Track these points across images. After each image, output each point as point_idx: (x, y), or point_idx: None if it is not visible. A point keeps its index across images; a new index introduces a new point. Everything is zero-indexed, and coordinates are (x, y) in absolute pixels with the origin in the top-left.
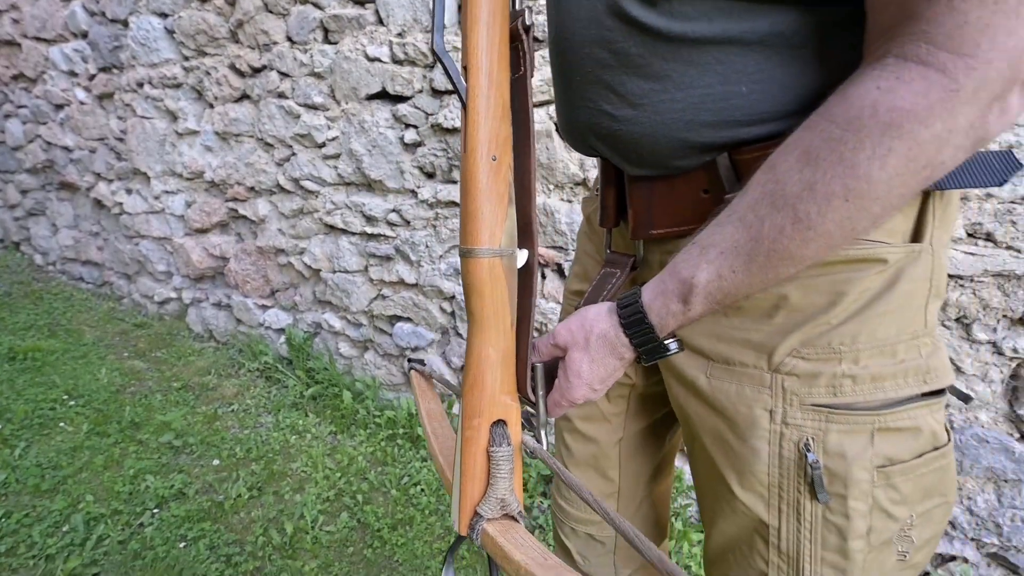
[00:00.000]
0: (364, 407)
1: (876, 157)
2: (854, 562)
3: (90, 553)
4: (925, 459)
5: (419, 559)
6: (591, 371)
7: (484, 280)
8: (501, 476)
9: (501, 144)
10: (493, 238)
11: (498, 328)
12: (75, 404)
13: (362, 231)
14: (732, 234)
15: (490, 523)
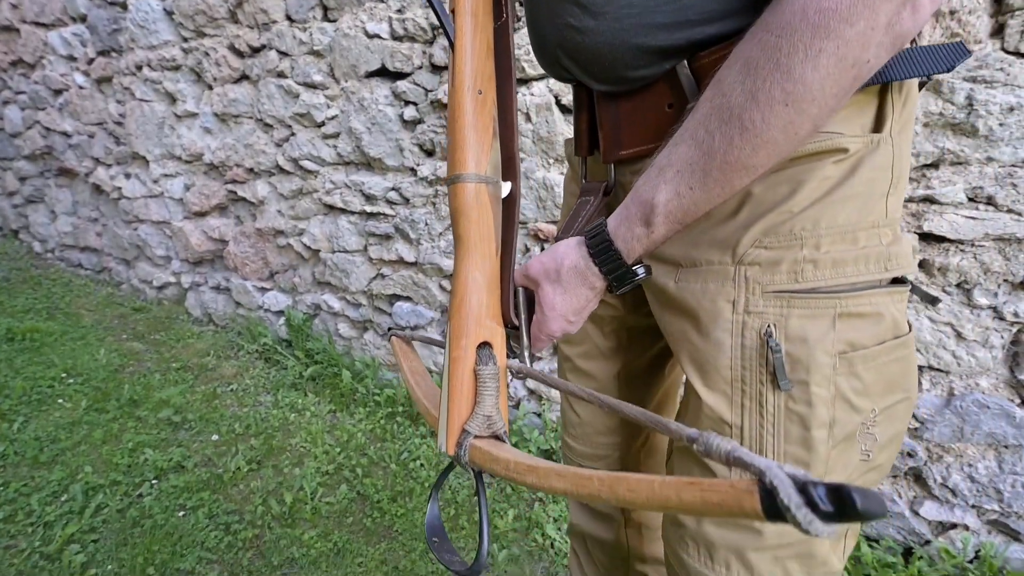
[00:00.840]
0: (363, 386)
1: (808, 59)
2: (817, 454)
3: (88, 520)
4: (887, 347)
5: (418, 528)
6: (564, 302)
7: (471, 204)
8: (487, 394)
9: (486, 80)
10: (479, 165)
11: (484, 253)
12: (73, 382)
13: (361, 210)
14: (686, 152)
15: (478, 439)
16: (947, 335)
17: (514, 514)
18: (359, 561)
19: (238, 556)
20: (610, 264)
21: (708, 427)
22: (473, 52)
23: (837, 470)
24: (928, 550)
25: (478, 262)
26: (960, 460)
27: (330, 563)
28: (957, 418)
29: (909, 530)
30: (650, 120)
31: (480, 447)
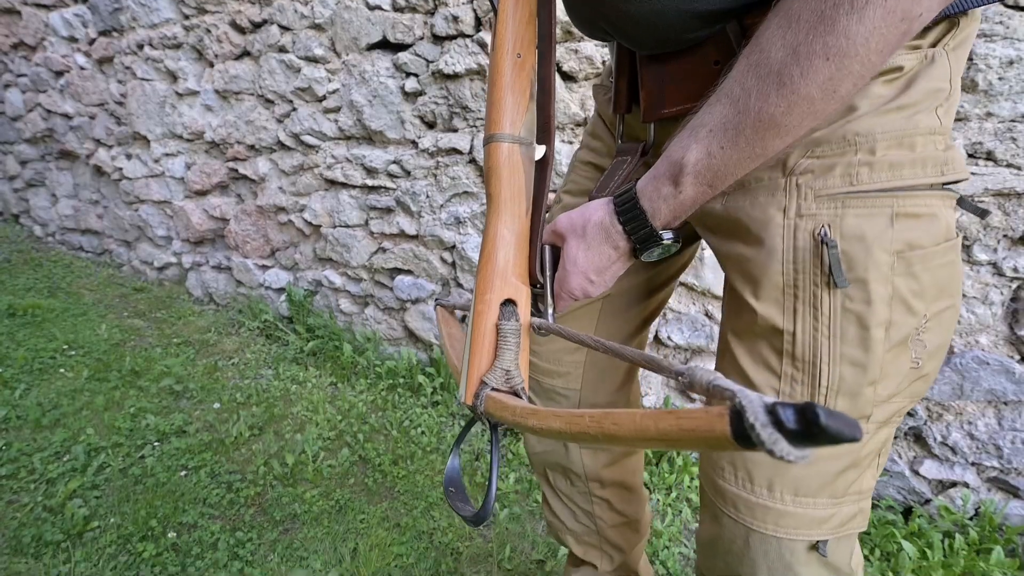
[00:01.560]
0: (365, 358)
1: (855, 11)
2: (874, 355)
3: (91, 478)
4: (941, 248)
5: (420, 489)
6: (586, 259)
7: (503, 163)
8: (508, 348)
9: (526, 45)
10: (514, 126)
11: (513, 212)
12: (75, 354)
13: (363, 183)
14: (720, 111)
15: (495, 392)
16: None
17: (515, 477)
18: (360, 518)
19: (240, 512)
20: (634, 223)
21: (761, 338)
22: (515, 17)
23: (890, 375)
24: (928, 509)
25: (507, 220)
26: (960, 418)
27: (331, 519)
28: (957, 375)
29: (909, 489)
30: (695, 78)
31: (494, 398)
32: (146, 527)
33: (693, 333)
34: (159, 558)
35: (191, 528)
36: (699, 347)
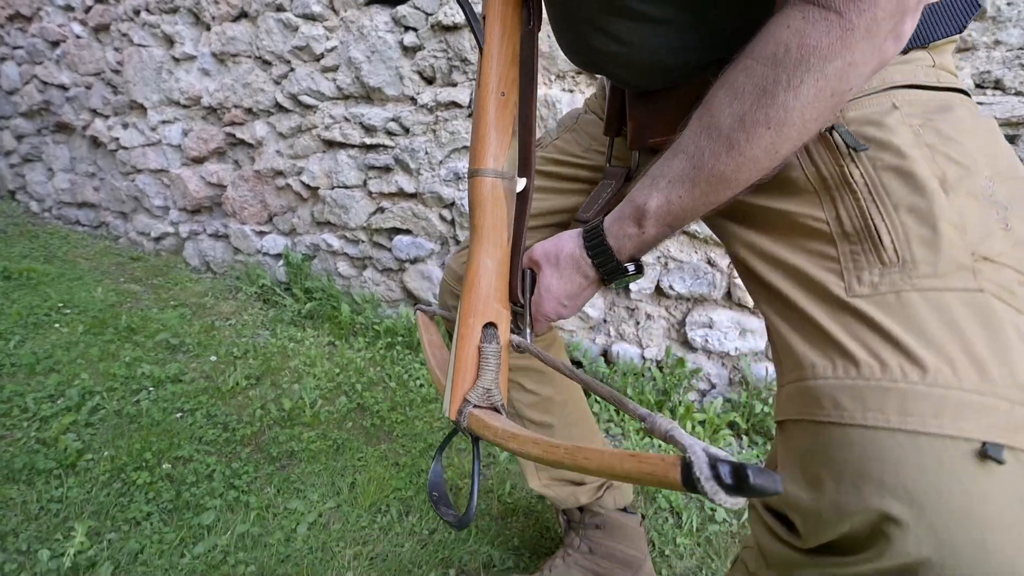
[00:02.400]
0: (363, 317)
1: (791, 88)
2: (933, 196)
3: (85, 417)
4: (969, 120)
5: (418, 432)
6: (559, 286)
7: (487, 197)
8: (488, 369)
9: (510, 84)
10: (497, 161)
11: (496, 242)
12: (70, 312)
13: (361, 142)
14: (678, 165)
15: (476, 409)
16: None
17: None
18: (359, 456)
19: (236, 449)
20: (602, 258)
21: (806, 237)
22: (500, 57)
23: (974, 223)
24: None
25: (490, 250)
26: None
27: (329, 458)
28: None
29: None
30: (680, 112)
31: (477, 415)
32: (140, 459)
33: (695, 281)
34: (153, 486)
35: (186, 461)
36: (701, 295)
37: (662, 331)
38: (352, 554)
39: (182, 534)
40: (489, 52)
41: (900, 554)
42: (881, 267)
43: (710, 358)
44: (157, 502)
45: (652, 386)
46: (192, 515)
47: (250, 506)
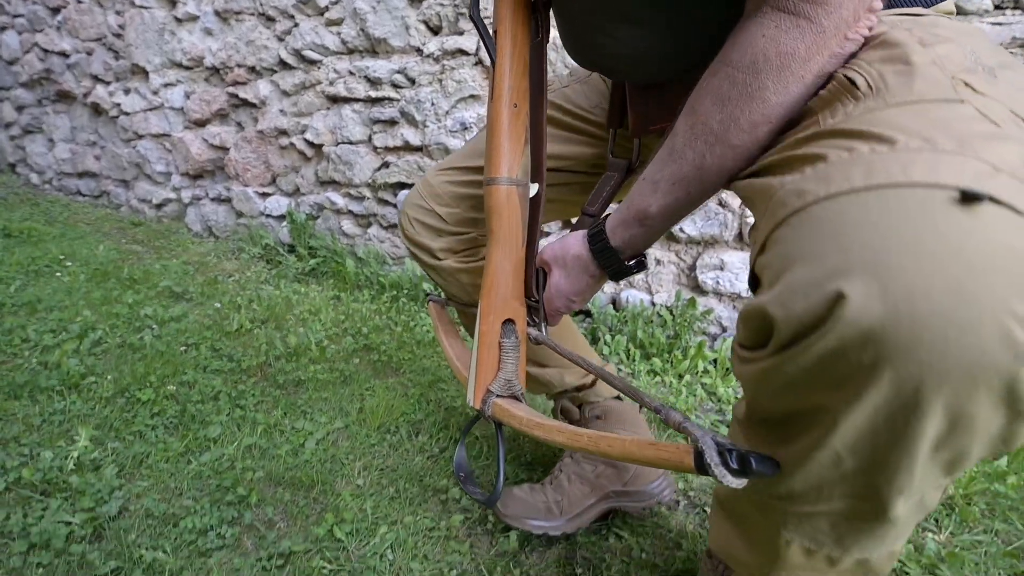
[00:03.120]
0: (368, 270)
1: (779, 92)
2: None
3: (87, 347)
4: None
5: (427, 368)
6: (567, 285)
7: (502, 204)
8: (508, 362)
9: (521, 95)
10: (511, 170)
11: (511, 245)
12: (72, 264)
13: (366, 96)
14: (678, 169)
15: (498, 399)
16: None
17: None
18: (367, 387)
19: (241, 378)
20: (607, 259)
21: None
22: (511, 70)
23: (954, 59)
24: None
25: (506, 252)
26: None
27: (336, 387)
28: None
29: None
30: (677, 100)
31: (500, 404)
32: (144, 381)
33: (706, 223)
34: (158, 402)
35: (191, 385)
36: (712, 237)
37: (672, 277)
38: (362, 465)
39: (187, 442)
40: (501, 66)
41: (852, 323)
42: (855, 102)
43: (721, 300)
44: (162, 417)
45: (663, 330)
46: (198, 427)
47: (257, 422)
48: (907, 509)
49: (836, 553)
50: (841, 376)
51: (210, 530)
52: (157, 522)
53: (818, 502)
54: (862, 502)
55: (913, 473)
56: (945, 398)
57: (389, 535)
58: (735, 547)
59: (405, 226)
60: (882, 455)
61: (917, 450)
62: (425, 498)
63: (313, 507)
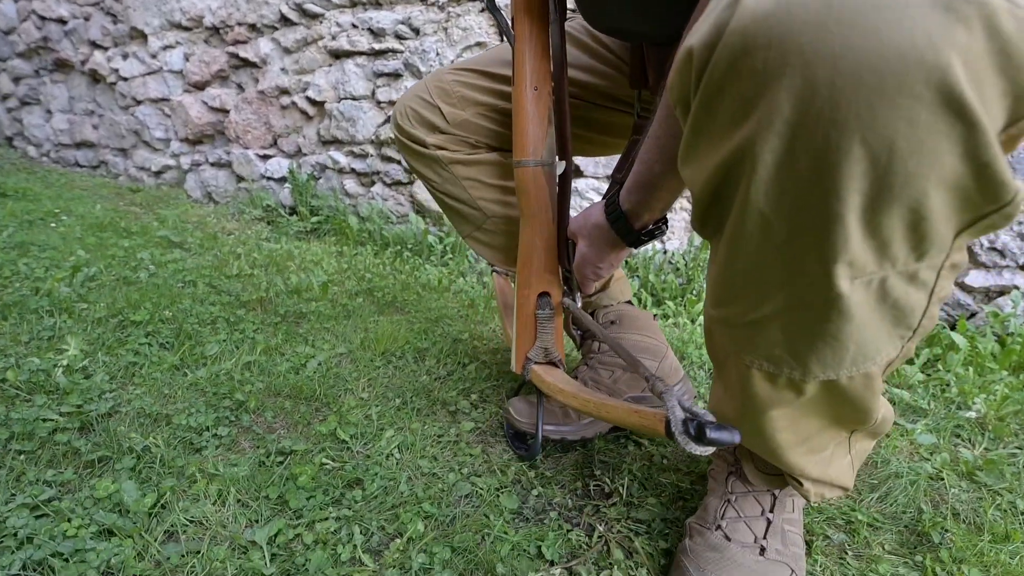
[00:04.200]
0: (372, 225)
1: None
2: None
3: (81, 280)
4: None
5: (432, 308)
6: (592, 254)
7: (530, 184)
8: (544, 332)
9: (542, 77)
10: (536, 151)
11: (542, 222)
12: (68, 219)
13: (369, 49)
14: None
15: (537, 365)
16: None
17: None
18: (371, 320)
19: (241, 309)
20: (620, 226)
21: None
22: (531, 53)
23: None
24: (974, 322)
25: (537, 229)
26: None
27: (339, 320)
28: None
29: (954, 304)
30: None
31: (537, 371)
32: (139, 306)
33: None
34: (152, 323)
35: (187, 312)
36: None
37: (684, 224)
38: (367, 381)
39: (183, 356)
40: (521, 51)
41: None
42: None
43: None
44: (156, 336)
45: (675, 275)
46: (194, 344)
47: (256, 342)
48: (861, 295)
49: (797, 374)
50: (749, 95)
51: (205, 430)
52: (149, 420)
53: (763, 299)
54: (804, 286)
55: (847, 228)
56: (857, 99)
57: (396, 438)
58: (722, 403)
59: (399, 116)
60: (805, 202)
61: (842, 187)
62: (433, 410)
63: (315, 415)
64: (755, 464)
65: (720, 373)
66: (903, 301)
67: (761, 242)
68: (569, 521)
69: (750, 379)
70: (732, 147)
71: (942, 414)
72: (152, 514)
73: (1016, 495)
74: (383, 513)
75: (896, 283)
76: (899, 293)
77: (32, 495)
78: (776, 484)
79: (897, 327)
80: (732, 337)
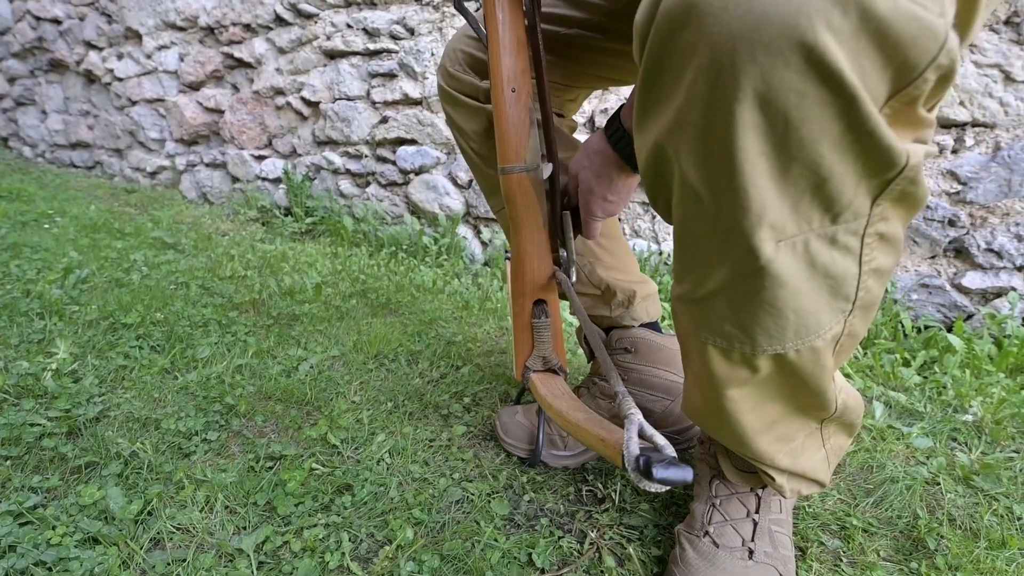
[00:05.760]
0: (367, 225)
1: None
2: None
3: (72, 283)
4: None
5: (426, 310)
6: (599, 185)
7: (516, 191)
8: (542, 341)
9: (519, 76)
10: (519, 157)
11: (532, 227)
12: (62, 220)
13: (364, 49)
14: None
15: (536, 373)
16: (994, 79)
17: None
18: (364, 322)
19: (233, 311)
20: (624, 147)
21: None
22: (504, 51)
23: None
24: (971, 323)
25: (528, 235)
26: (1006, 220)
27: (332, 323)
28: (1004, 170)
29: (950, 305)
30: None
31: (534, 380)
32: (131, 308)
33: None
34: (143, 326)
35: (179, 314)
36: None
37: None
38: (359, 384)
39: (174, 359)
40: (494, 50)
41: None
42: None
43: None
44: (148, 340)
45: (671, 276)
46: (185, 347)
47: (248, 345)
48: (789, 258)
49: (747, 348)
50: (677, 71)
51: (194, 434)
52: (138, 424)
53: (707, 274)
54: (738, 257)
55: (760, 190)
56: (753, 74)
57: (387, 443)
58: (691, 392)
59: (448, 61)
60: (723, 170)
61: (750, 152)
62: (425, 413)
63: (306, 419)
64: (731, 461)
65: (687, 360)
66: (832, 268)
67: (697, 216)
68: (561, 527)
69: (708, 357)
70: (668, 121)
71: (938, 417)
72: (138, 521)
73: (1013, 500)
74: (372, 520)
75: (819, 247)
76: (825, 259)
77: (17, 502)
78: (754, 482)
79: (835, 299)
80: (690, 314)
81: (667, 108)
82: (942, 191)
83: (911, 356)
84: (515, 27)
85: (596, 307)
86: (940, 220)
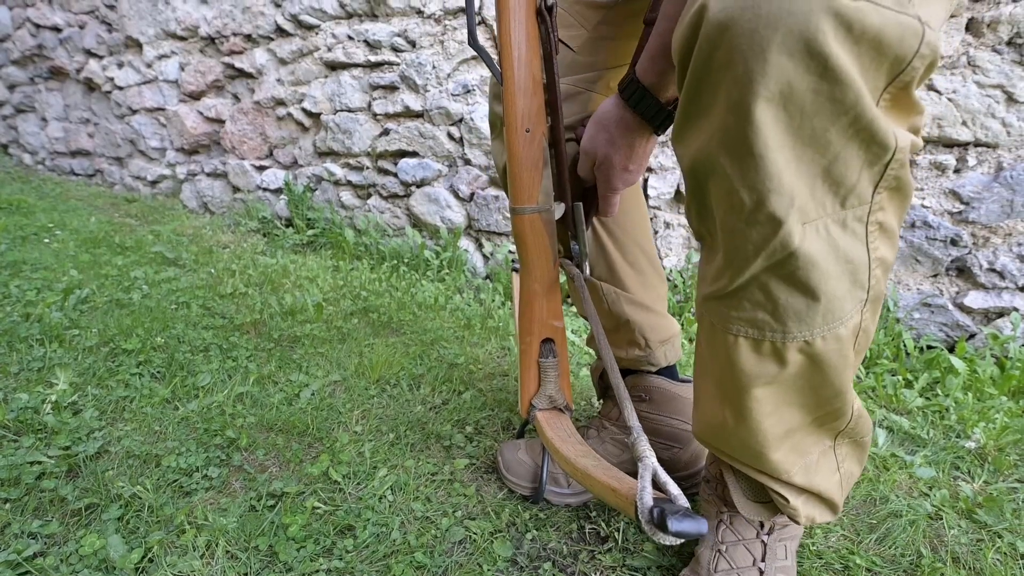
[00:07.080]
0: (368, 238)
1: None
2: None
3: (73, 303)
4: None
5: (429, 329)
6: (617, 155)
7: (526, 232)
8: (548, 380)
9: (534, 116)
10: (531, 198)
11: (542, 267)
12: (62, 233)
13: (365, 61)
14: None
15: (541, 412)
16: (996, 99)
17: None
18: (366, 344)
19: (234, 333)
20: (643, 104)
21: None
22: (520, 91)
23: None
24: (973, 343)
25: (538, 276)
26: (1008, 240)
27: (334, 345)
28: (1006, 190)
29: (953, 324)
30: None
31: (539, 419)
32: (131, 332)
33: None
34: (144, 352)
35: (180, 338)
36: None
37: (682, 240)
38: (360, 413)
39: (175, 388)
40: (509, 88)
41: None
42: None
43: None
44: (148, 366)
45: (673, 293)
46: (186, 375)
47: (249, 371)
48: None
49: (778, 336)
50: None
51: (195, 471)
52: (138, 462)
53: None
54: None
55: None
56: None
57: (389, 478)
58: (709, 411)
59: (491, 89)
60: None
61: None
62: (427, 444)
63: (307, 452)
64: (743, 490)
65: (705, 372)
66: (849, 253)
67: (737, 209)
68: (564, 570)
69: (737, 353)
70: (708, 128)
71: (941, 444)
72: (139, 569)
73: (1016, 536)
74: (375, 564)
75: (837, 231)
76: (843, 243)
77: (16, 550)
78: (765, 513)
79: (854, 286)
80: (720, 308)
81: (707, 118)
82: (944, 210)
83: (914, 377)
84: (531, 66)
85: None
86: (942, 239)
